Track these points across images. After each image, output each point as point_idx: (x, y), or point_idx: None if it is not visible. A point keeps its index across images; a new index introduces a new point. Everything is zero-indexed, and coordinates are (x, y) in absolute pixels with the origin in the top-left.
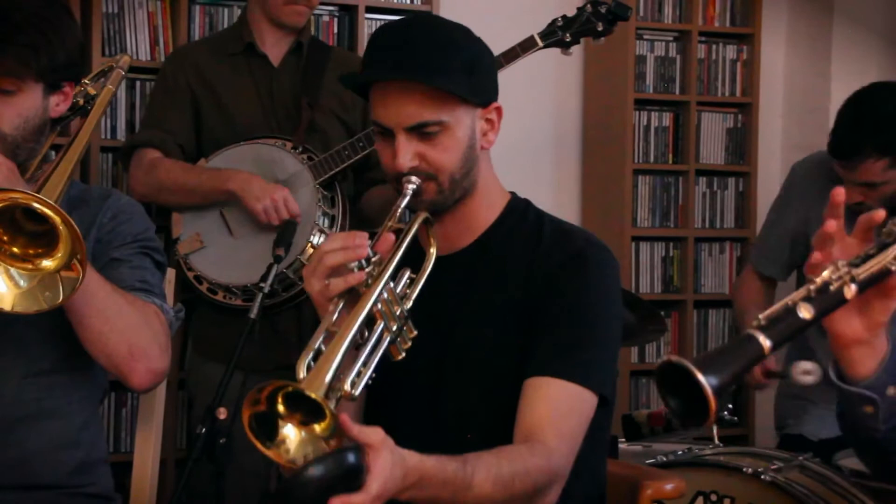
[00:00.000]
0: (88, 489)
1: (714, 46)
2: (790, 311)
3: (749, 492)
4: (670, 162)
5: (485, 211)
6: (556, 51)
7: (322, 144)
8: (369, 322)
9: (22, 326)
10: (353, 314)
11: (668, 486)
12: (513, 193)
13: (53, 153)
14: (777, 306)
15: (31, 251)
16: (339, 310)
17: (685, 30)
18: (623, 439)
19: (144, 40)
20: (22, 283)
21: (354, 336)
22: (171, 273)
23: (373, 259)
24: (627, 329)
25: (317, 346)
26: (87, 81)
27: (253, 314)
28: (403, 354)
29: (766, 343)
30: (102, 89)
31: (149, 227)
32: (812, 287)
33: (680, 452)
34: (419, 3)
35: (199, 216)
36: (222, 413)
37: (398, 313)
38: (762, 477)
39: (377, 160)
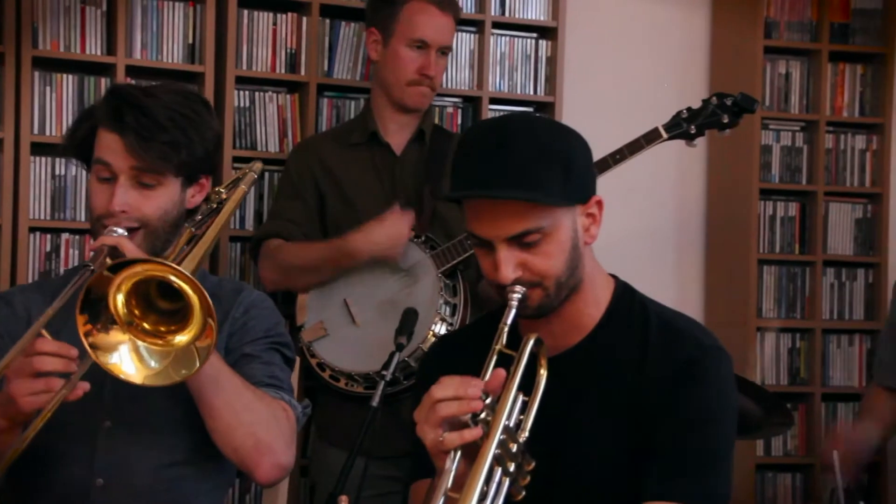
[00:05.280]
0: None
1: (842, 136)
2: None
3: None
4: (797, 252)
5: (591, 307)
6: (679, 140)
7: (444, 232)
8: (488, 473)
9: (158, 417)
10: (472, 479)
11: None
12: (614, 277)
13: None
14: None
15: (162, 328)
16: (456, 459)
17: (812, 120)
18: None
19: (274, 133)
20: (153, 363)
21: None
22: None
23: (486, 401)
24: (753, 421)
25: None
26: (221, 189)
27: (375, 402)
28: (524, 493)
29: None
30: (236, 189)
31: (279, 322)
32: None
33: None
34: (542, 94)
35: (323, 305)
36: (343, 501)
37: (515, 450)
38: None
39: None
